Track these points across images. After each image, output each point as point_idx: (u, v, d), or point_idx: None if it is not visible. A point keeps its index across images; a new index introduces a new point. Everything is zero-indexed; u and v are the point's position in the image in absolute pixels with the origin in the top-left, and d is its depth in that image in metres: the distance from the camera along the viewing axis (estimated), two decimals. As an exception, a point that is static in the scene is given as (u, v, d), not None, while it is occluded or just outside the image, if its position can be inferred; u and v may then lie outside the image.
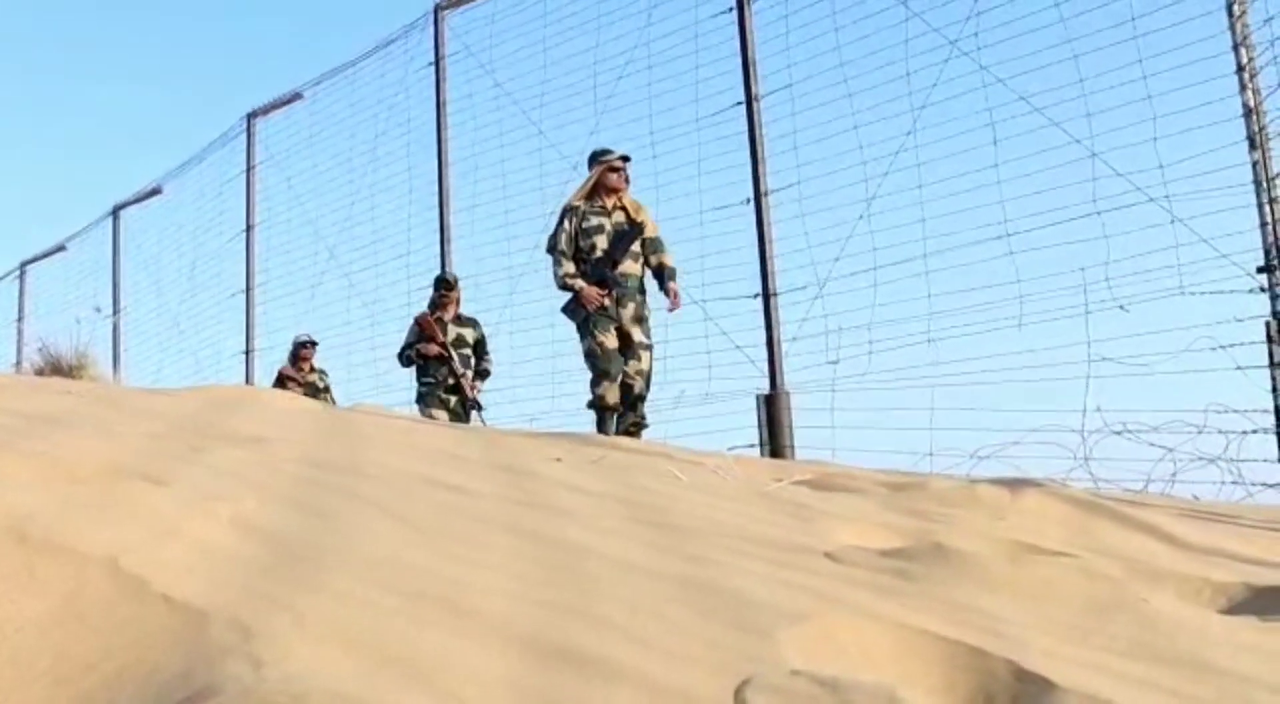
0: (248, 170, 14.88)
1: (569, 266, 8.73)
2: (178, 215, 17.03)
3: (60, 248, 19.57)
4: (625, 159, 8.95)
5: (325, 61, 21.44)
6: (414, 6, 14.18)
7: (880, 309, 8.19)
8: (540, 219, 10.76)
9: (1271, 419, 6.55)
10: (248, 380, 14.39)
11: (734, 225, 9.27)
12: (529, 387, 11.09)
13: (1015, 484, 3.65)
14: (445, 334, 11.25)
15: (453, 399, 11.13)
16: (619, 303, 8.59)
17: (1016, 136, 7.80)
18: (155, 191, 17.27)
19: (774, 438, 8.58)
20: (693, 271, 9.32)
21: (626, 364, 8.57)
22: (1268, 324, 6.64)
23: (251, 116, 14.89)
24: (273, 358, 14.50)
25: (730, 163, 8.98)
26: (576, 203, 8.85)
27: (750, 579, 2.25)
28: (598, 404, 8.50)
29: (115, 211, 17.78)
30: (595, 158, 8.96)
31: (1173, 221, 6.98)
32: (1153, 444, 6.67)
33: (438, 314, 11.24)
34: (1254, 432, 6.57)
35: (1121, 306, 7.13)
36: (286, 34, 40.80)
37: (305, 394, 12.76)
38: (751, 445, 8.66)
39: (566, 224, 8.80)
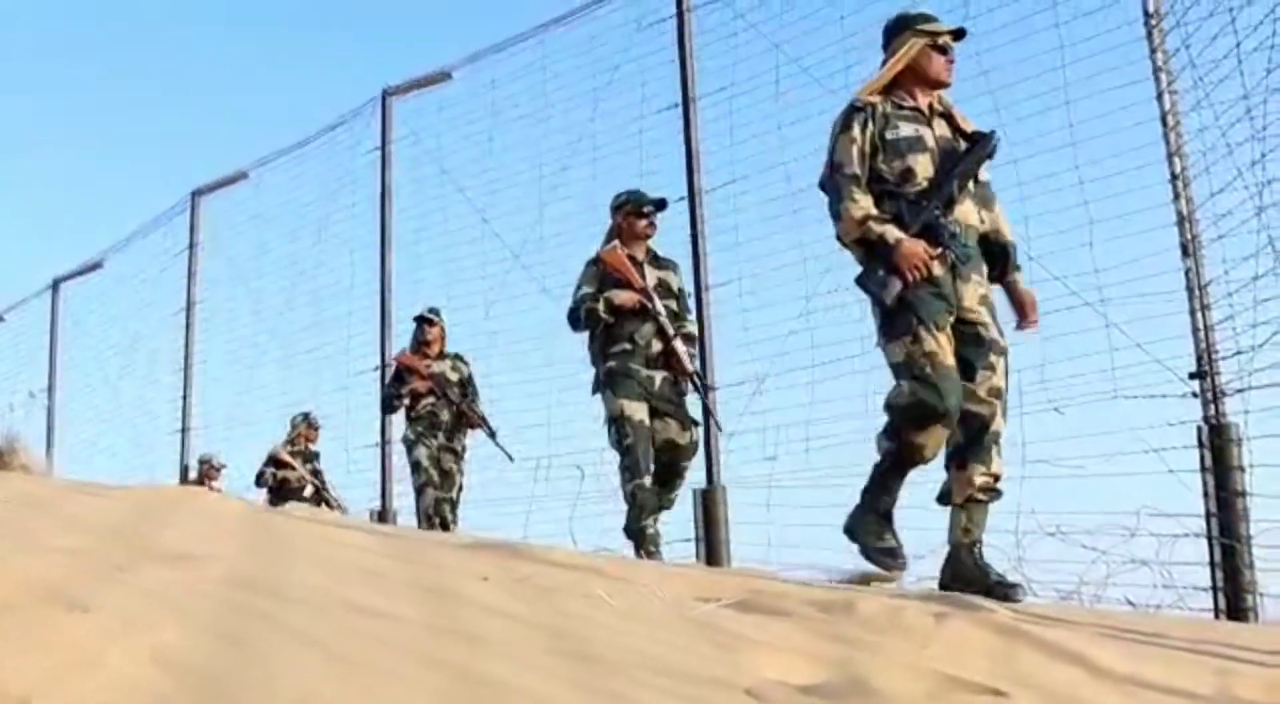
0: (190, 248, 14.87)
1: (865, 201, 5.25)
2: (119, 290, 16.98)
3: (-2, 318, 19.49)
4: (959, 35, 5.58)
5: (271, 142, 21.48)
6: (362, 91, 14.26)
7: (818, 406, 8.22)
8: (480, 307, 10.78)
9: (1202, 523, 6.62)
10: (182, 460, 14.30)
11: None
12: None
13: (942, 606, 3.67)
14: (642, 277, 7.70)
15: (658, 377, 7.54)
16: (955, 273, 5.33)
17: (954, 238, 7.89)
18: (96, 266, 17.21)
19: (710, 533, 8.58)
20: (633, 364, 9.27)
21: (972, 379, 5.25)
22: (1199, 429, 6.72)
23: (196, 194, 14.91)
24: (209, 436, 14.45)
25: (673, 256, 9.01)
26: (870, 98, 5.45)
27: (670, 720, 2.25)
28: (905, 451, 5.21)
29: (55, 285, 17.70)
30: (903, 25, 5.62)
31: (1107, 326, 7.08)
32: (1086, 546, 6.72)
33: (627, 250, 7.75)
34: (1185, 535, 6.62)
35: (1056, 409, 7.20)
36: (233, 112, 40.87)
37: (430, 390, 10.30)
38: (687, 540, 8.65)
39: (856, 130, 5.33)
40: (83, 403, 17.50)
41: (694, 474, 8.80)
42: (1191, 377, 6.81)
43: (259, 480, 13.02)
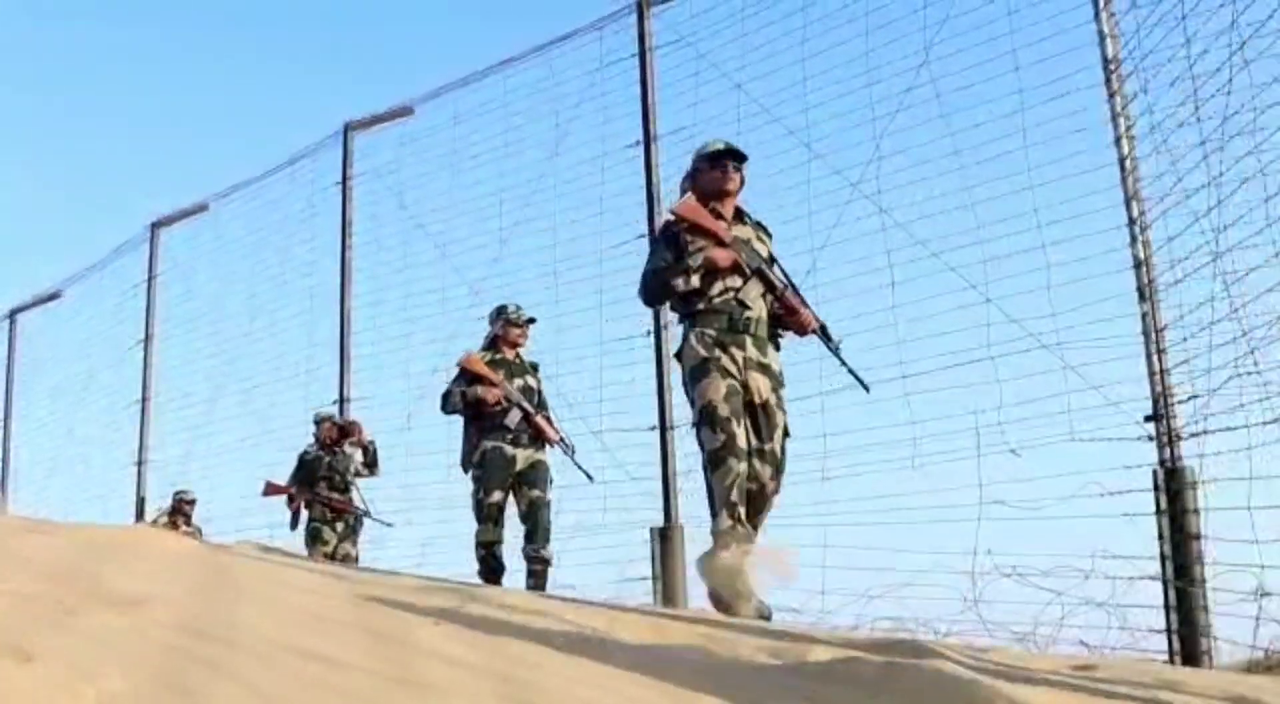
0: (149, 280, 14.77)
1: None
2: (76, 321, 16.88)
3: (-49, 348, 19.31)
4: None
5: (232, 174, 21.40)
6: (324, 124, 14.23)
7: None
8: (439, 342, 10.78)
9: (1157, 566, 6.63)
10: (139, 492, 14.20)
11: (634, 357, 9.26)
12: (418, 527, 10.85)
13: (894, 655, 3.66)
14: None
15: None
16: None
17: (914, 280, 7.91)
18: (54, 297, 17.10)
19: (667, 571, 8.55)
20: (591, 401, 9.30)
21: None
22: (1154, 473, 6.74)
23: (155, 226, 14.82)
24: (165, 470, 14.35)
25: (633, 294, 9.01)
26: None
27: (616, 774, 2.24)
28: None
29: (12, 315, 17.59)
30: None
31: (1064, 369, 7.08)
32: (1041, 588, 6.72)
33: None
34: (1140, 578, 6.63)
35: (1013, 450, 7.21)
36: (194, 144, 40.69)
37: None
38: (645, 578, 8.62)
39: None
40: (39, 434, 17.39)
41: (653, 513, 8.83)
42: (1147, 420, 6.83)
43: (445, 403, 9.10)
